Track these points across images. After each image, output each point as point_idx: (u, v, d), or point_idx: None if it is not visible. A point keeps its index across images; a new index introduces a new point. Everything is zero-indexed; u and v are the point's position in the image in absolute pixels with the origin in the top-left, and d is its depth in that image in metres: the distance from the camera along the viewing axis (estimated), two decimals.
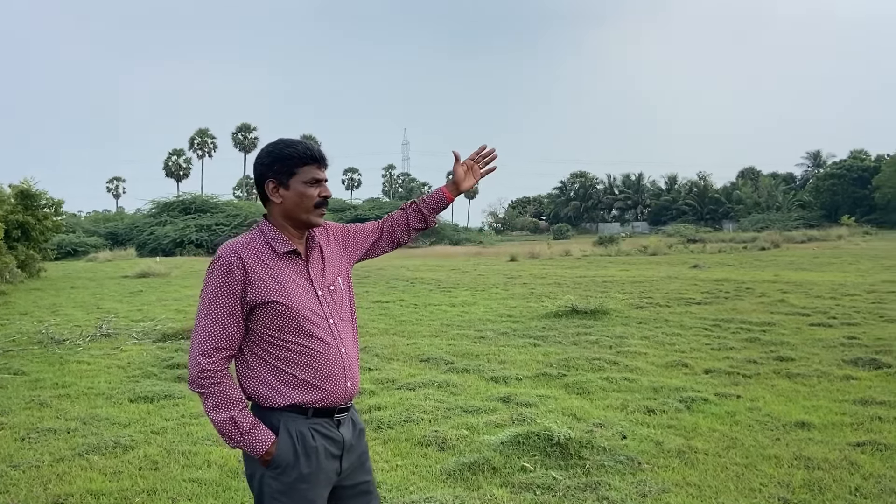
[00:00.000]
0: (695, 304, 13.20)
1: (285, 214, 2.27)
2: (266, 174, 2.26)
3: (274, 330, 2.19)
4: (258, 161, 2.28)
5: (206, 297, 2.17)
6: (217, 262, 2.18)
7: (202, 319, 2.17)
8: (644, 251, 34.79)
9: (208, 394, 2.15)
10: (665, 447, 4.85)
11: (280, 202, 2.25)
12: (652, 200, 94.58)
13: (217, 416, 2.14)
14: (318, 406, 2.22)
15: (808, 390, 6.44)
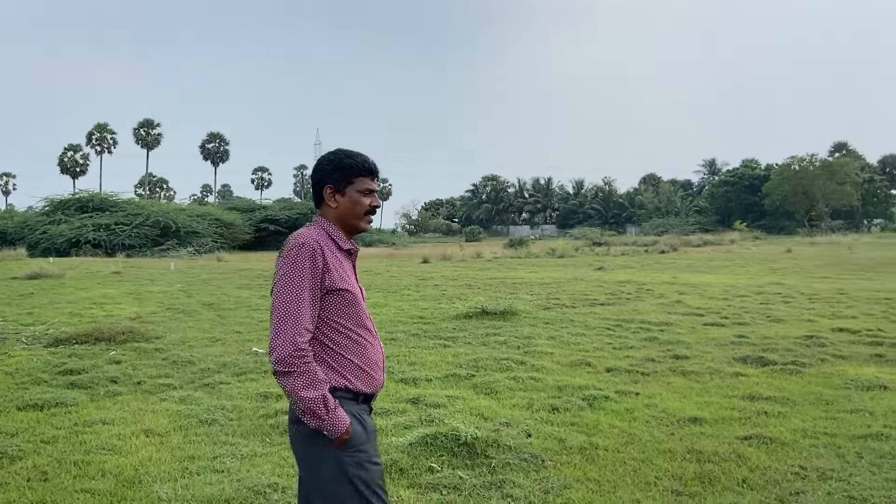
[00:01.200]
0: (599, 305, 13.64)
1: (338, 218, 2.48)
2: (325, 179, 2.47)
3: (339, 316, 2.36)
4: (319, 167, 2.49)
5: (293, 281, 2.30)
6: (302, 249, 2.31)
7: (293, 302, 2.28)
8: (552, 254, 35.65)
9: (299, 373, 2.24)
10: (568, 444, 5.00)
11: (335, 207, 2.46)
12: (560, 204, 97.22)
13: (309, 395, 2.23)
14: (365, 393, 2.41)
15: (701, 387, 6.78)
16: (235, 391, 6.71)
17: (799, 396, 6.33)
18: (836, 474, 4.36)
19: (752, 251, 37.66)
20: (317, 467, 2.31)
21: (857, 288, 16.32)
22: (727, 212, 74.47)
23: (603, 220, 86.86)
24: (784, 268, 23.86)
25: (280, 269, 2.33)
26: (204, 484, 4.36)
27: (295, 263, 2.31)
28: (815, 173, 66.50)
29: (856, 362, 7.80)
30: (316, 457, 2.31)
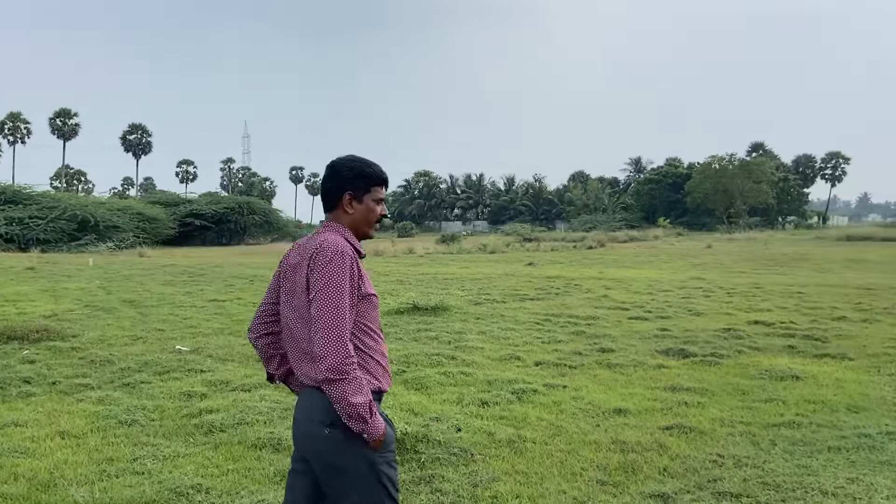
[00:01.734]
0: (528, 300, 13.83)
1: (352, 224, 2.56)
2: (345, 186, 2.53)
3: (367, 320, 2.46)
4: (338, 172, 2.53)
5: (338, 289, 2.33)
6: (343, 257, 2.37)
7: (339, 310, 2.31)
8: (484, 249, 35.94)
9: (350, 379, 2.29)
10: (497, 438, 5.05)
11: (351, 213, 2.54)
12: (492, 200, 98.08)
13: (359, 400, 2.28)
14: (383, 392, 2.51)
15: (625, 379, 6.96)
16: (157, 391, 6.50)
17: (717, 387, 6.57)
18: (751, 461, 4.55)
19: (675, 247, 38.91)
20: (350, 469, 2.35)
21: (772, 282, 17.08)
22: (652, 209, 76.60)
23: (533, 217, 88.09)
24: (705, 263, 24.74)
25: (322, 276, 2.34)
26: (123, 486, 4.21)
27: (338, 271, 2.35)
28: (734, 172, 69.12)
29: (770, 353, 8.16)
30: (350, 459, 2.35)
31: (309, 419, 2.41)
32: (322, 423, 2.36)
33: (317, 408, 2.38)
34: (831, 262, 24.20)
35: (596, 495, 4.03)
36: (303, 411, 2.46)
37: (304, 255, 2.46)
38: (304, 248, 2.49)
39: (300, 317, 2.43)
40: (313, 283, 2.35)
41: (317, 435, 2.38)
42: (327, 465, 2.39)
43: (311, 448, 2.43)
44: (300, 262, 2.46)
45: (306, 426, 2.43)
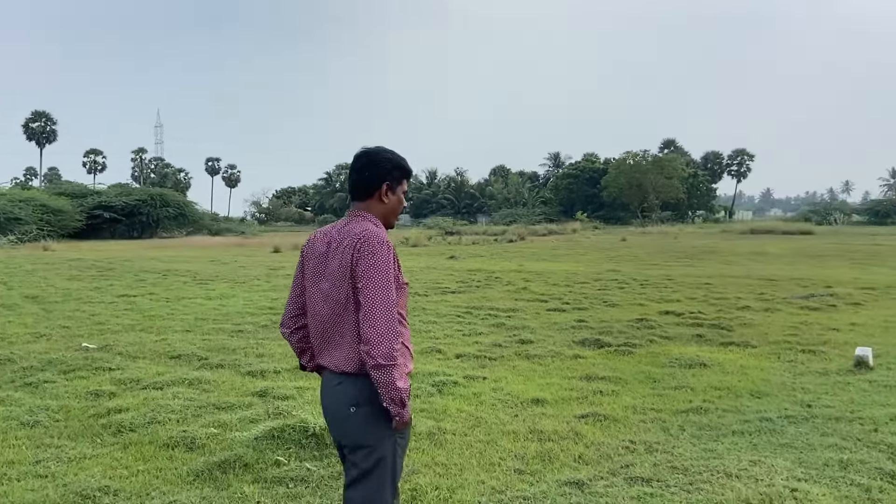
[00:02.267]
0: (450, 292, 13.91)
1: (383, 214, 2.61)
2: (385, 177, 2.57)
3: (400, 307, 2.50)
4: (377, 163, 2.57)
5: (385, 278, 2.38)
6: (387, 247, 2.42)
7: (387, 298, 2.37)
8: (406, 243, 35.92)
9: (398, 364, 2.37)
10: (417, 430, 5.05)
11: (385, 203, 2.59)
12: (414, 194, 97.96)
13: (403, 385, 2.40)
14: (409, 374, 2.55)
15: (543, 369, 7.10)
16: (62, 390, 6.20)
17: (630, 375, 6.79)
18: (661, 446, 4.72)
19: (592, 240, 39.94)
20: (376, 446, 2.47)
21: (682, 274, 17.76)
22: (570, 203, 78.34)
23: (455, 210, 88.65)
24: (620, 256, 25.49)
25: (371, 266, 2.39)
26: (24, 490, 4.01)
27: (384, 261, 2.41)
28: (647, 168, 71.51)
29: (680, 342, 8.48)
30: (376, 437, 2.46)
31: (336, 403, 2.51)
32: (347, 404, 2.47)
33: (342, 391, 2.49)
34: (736, 255, 25.36)
35: (513, 484, 4.10)
36: (328, 397, 2.56)
37: (338, 243, 2.50)
38: (337, 236, 2.53)
39: (329, 302, 2.49)
40: (361, 273, 2.40)
41: (343, 415, 2.49)
42: (354, 443, 2.50)
43: (339, 428, 2.55)
44: (334, 251, 2.50)
45: (335, 410, 2.53)
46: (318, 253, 2.57)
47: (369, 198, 2.59)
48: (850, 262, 21.59)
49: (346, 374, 2.48)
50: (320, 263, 2.55)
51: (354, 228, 2.49)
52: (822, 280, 15.70)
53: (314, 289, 2.56)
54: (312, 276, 2.58)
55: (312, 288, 2.57)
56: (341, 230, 2.54)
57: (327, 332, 2.52)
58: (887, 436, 4.80)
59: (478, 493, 3.99)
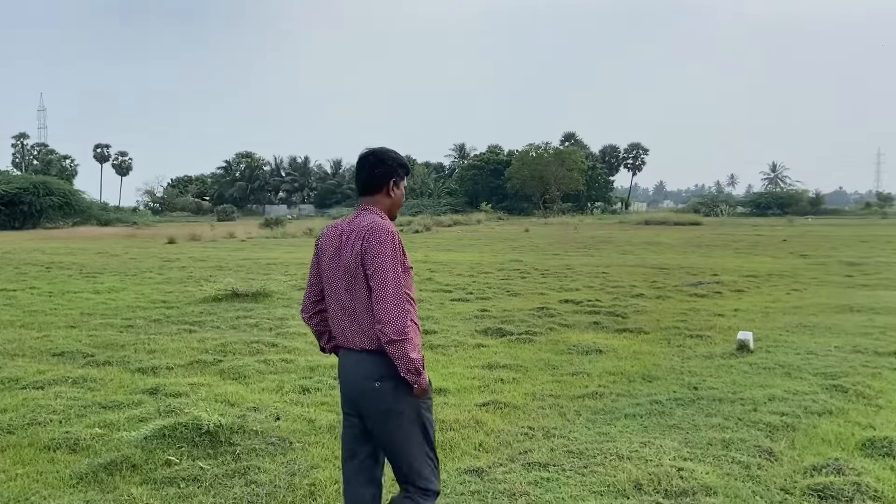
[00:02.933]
0: None
1: (389, 207, 2.89)
2: (392, 174, 2.86)
3: (408, 289, 2.76)
4: (385, 160, 2.85)
5: (393, 263, 2.66)
6: (393, 236, 2.70)
7: (396, 280, 2.65)
8: (310, 233, 35.31)
9: (409, 339, 2.64)
10: (317, 424, 4.97)
11: (391, 197, 2.88)
12: (318, 184, 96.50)
13: (416, 356, 2.66)
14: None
15: (446, 359, 7.14)
16: None
17: (531, 363, 6.93)
18: (558, 431, 4.84)
19: (496, 231, 40.57)
20: (400, 414, 2.72)
21: (581, 263, 18.32)
22: (475, 194, 79.15)
23: None
24: (522, 246, 26.01)
25: (379, 254, 2.65)
26: None
27: (392, 248, 2.68)
28: (549, 160, 73.19)
29: (578, 330, 8.73)
30: (400, 406, 2.71)
31: (360, 378, 2.76)
32: (372, 378, 2.72)
33: (365, 367, 2.74)
34: (632, 245, 26.38)
35: None
36: (352, 372, 2.80)
37: (348, 235, 2.76)
38: (348, 229, 2.79)
39: (348, 289, 2.75)
40: (370, 261, 2.67)
41: (368, 389, 2.73)
42: (380, 413, 2.73)
43: (364, 401, 2.76)
44: (345, 242, 2.76)
45: (359, 384, 2.76)
46: (334, 246, 2.83)
47: (377, 192, 2.87)
48: (734, 251, 22.87)
49: (366, 351, 2.74)
50: (336, 255, 2.80)
51: (363, 221, 2.76)
52: (709, 268, 16.56)
53: (334, 277, 2.81)
54: (330, 267, 2.83)
55: (332, 277, 2.82)
56: (351, 223, 2.81)
57: (348, 315, 2.78)
58: (765, 415, 5.11)
59: None
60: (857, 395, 5.61)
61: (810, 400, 5.45)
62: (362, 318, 2.73)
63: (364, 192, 2.88)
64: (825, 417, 5.06)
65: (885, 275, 14.89)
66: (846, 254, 20.92)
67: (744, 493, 3.77)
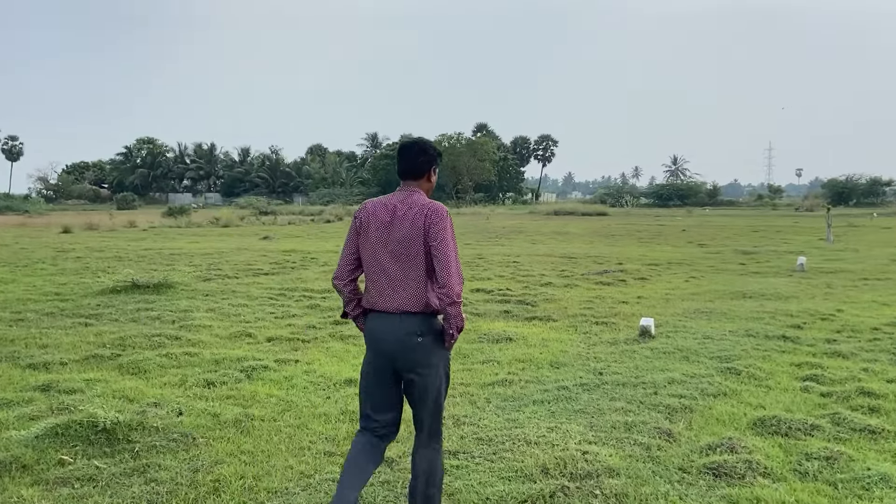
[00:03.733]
0: (263, 274, 13.47)
1: (428, 191, 3.25)
2: (432, 162, 3.25)
3: None
4: (427, 150, 3.23)
5: (451, 237, 3.08)
6: (449, 214, 3.11)
7: (455, 252, 3.08)
8: (216, 223, 34.28)
9: (460, 302, 3.05)
10: (222, 419, 4.83)
11: (430, 183, 3.26)
12: (225, 172, 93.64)
13: (463, 317, 3.13)
14: None
15: (357, 350, 7.08)
16: None
17: None
18: (468, 419, 4.88)
19: None
20: (437, 365, 3.15)
21: (493, 253, 18.56)
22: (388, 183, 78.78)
23: (270, 189, 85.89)
24: None
25: (443, 229, 3.05)
26: None
27: (451, 225, 3.11)
28: (461, 150, 73.82)
29: (489, 318, 8.85)
30: (437, 358, 3.15)
31: (404, 334, 3.09)
32: (415, 334, 3.08)
33: (410, 325, 3.09)
34: (542, 234, 26.94)
35: (323, 467, 4.04)
36: (393, 331, 3.10)
37: (404, 211, 3.09)
38: (402, 206, 3.11)
39: (398, 258, 3.08)
40: (435, 234, 3.04)
41: (411, 343, 3.08)
42: (419, 363, 3.11)
43: (406, 353, 3.10)
44: (401, 217, 3.09)
45: (402, 339, 3.09)
46: (382, 221, 3.12)
47: (420, 178, 3.23)
48: (638, 241, 23.73)
49: (408, 312, 3.08)
50: (386, 229, 3.11)
51: (419, 200, 3.13)
52: (614, 257, 17.11)
53: (381, 249, 3.12)
54: (378, 239, 3.12)
55: (379, 249, 3.12)
56: (404, 201, 3.13)
57: (393, 281, 3.09)
58: (665, 398, 5.32)
59: (285, 478, 3.88)
60: (749, 377, 5.92)
61: (706, 382, 5.72)
62: (412, 283, 3.08)
63: (408, 177, 3.22)
64: (720, 399, 5.32)
65: (774, 263, 15.80)
66: (740, 243, 22.08)
67: (644, 473, 3.91)
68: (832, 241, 22.14)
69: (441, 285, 3.03)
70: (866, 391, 5.39)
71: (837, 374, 6.00)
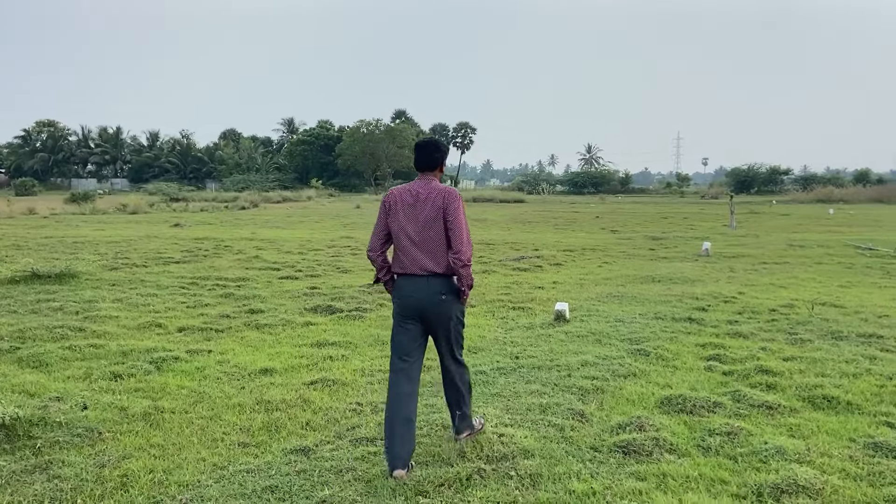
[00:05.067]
0: (174, 263, 13.04)
1: (439, 178, 4.04)
2: (443, 157, 4.04)
3: None
4: (440, 147, 4.04)
5: (463, 214, 3.90)
6: (460, 197, 3.91)
7: (466, 226, 3.91)
8: (123, 209, 32.90)
9: (470, 265, 3.88)
10: (130, 412, 4.66)
11: (441, 173, 4.06)
12: (133, 157, 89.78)
13: (472, 276, 3.97)
14: None
15: (273, 339, 6.96)
16: None
17: (360, 339, 6.93)
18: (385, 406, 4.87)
19: (327, 207, 40.05)
20: (455, 315, 4.00)
21: None
22: (305, 170, 77.52)
23: (181, 175, 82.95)
24: (353, 223, 25.89)
25: (457, 208, 3.86)
26: None
27: (462, 205, 3.92)
28: (380, 137, 73.19)
29: None
30: (454, 311, 3.98)
31: (431, 292, 3.89)
32: (440, 293, 3.90)
33: (435, 285, 3.89)
34: None
35: (237, 458, 3.96)
36: (423, 291, 3.89)
37: (427, 195, 3.89)
38: (424, 191, 3.91)
39: (425, 231, 3.86)
40: (451, 212, 3.84)
41: (436, 300, 3.90)
42: (442, 315, 3.94)
43: (432, 308, 3.91)
44: (423, 200, 3.89)
45: (430, 297, 3.89)
46: (407, 202, 3.92)
47: (435, 169, 4.01)
48: (554, 227, 24.24)
49: (435, 274, 3.87)
50: (411, 209, 3.91)
51: (437, 186, 3.94)
52: (531, 244, 17.42)
53: (409, 225, 3.90)
54: (405, 217, 3.91)
55: (407, 224, 3.90)
56: (425, 187, 3.93)
57: (421, 249, 3.87)
58: (579, 380, 5.47)
59: (197, 471, 3.78)
60: (658, 358, 6.16)
61: (617, 364, 5.91)
62: (436, 251, 3.86)
63: (425, 168, 3.99)
64: (630, 379, 5.52)
65: (681, 248, 16.47)
66: (650, 229, 22.88)
67: (558, 453, 4.02)
68: (735, 227, 23.24)
69: (455, 251, 3.84)
70: (764, 369, 5.71)
71: (738, 353, 6.32)
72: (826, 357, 6.14)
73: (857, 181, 64.78)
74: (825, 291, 9.92)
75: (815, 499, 3.46)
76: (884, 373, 5.64)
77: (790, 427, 4.49)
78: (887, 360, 6.05)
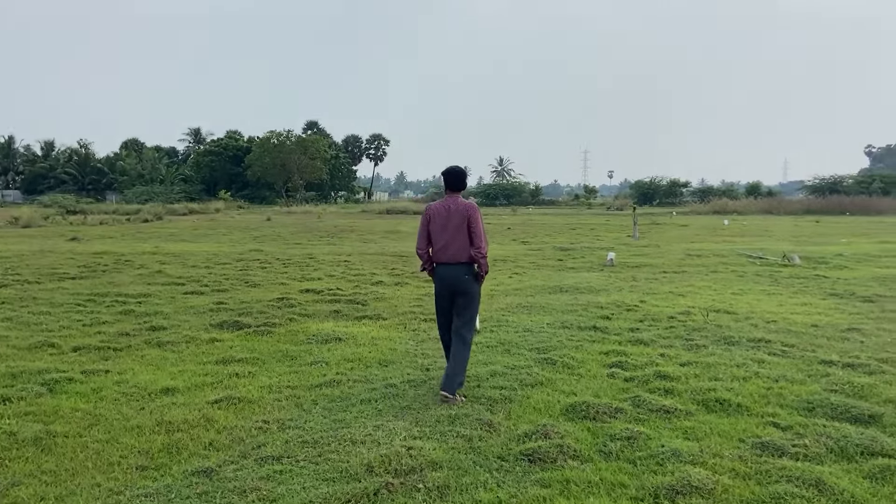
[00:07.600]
0: (69, 279, 12.42)
1: (462, 195, 5.64)
2: (466, 182, 5.70)
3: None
4: (464, 175, 5.67)
5: (481, 221, 5.47)
6: (478, 208, 5.56)
7: (483, 229, 5.48)
8: (15, 223, 31.05)
9: (486, 256, 5.51)
10: (20, 437, 4.41)
11: (464, 190, 5.65)
12: (26, 167, 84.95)
13: (488, 265, 5.61)
14: None
15: (176, 357, 6.73)
16: None
17: (268, 355, 6.80)
18: (293, 422, 4.81)
19: (236, 220, 39.06)
20: (475, 292, 5.55)
21: (324, 252, 18.35)
22: (213, 181, 75.36)
23: (79, 187, 79.09)
24: (264, 236, 25.37)
25: (477, 217, 5.43)
26: None
27: (480, 215, 5.50)
28: (291, 148, 72.08)
29: (318, 319, 8.74)
30: (474, 289, 5.54)
31: (460, 274, 5.45)
32: (465, 275, 5.46)
33: (462, 270, 5.45)
34: (374, 233, 27.03)
35: (135, 482, 3.81)
36: (454, 273, 5.46)
37: (456, 208, 5.44)
38: (453, 206, 5.46)
39: (455, 233, 5.41)
40: (473, 220, 5.40)
41: (463, 279, 5.45)
42: (465, 292, 5.48)
43: (459, 286, 5.47)
44: (454, 212, 5.44)
45: (458, 277, 5.46)
46: (441, 214, 5.48)
47: (461, 190, 5.57)
48: None
49: (461, 262, 5.44)
50: (445, 218, 5.45)
51: (462, 202, 5.47)
52: None
53: (443, 229, 5.46)
54: (442, 224, 5.46)
55: (443, 229, 5.46)
56: (454, 203, 5.48)
57: (452, 245, 5.42)
58: (487, 390, 5.55)
59: (92, 497, 3.62)
60: (563, 366, 6.33)
61: (525, 373, 6.04)
62: (462, 247, 5.41)
63: (454, 189, 5.55)
64: (537, 388, 5.64)
65: (588, 258, 16.97)
66: (559, 240, 23.48)
67: (466, 464, 4.06)
68: (638, 237, 24.16)
69: (476, 247, 5.41)
70: (663, 374, 5.96)
71: (639, 359, 6.57)
72: (719, 362, 6.47)
73: (749, 193, 68.65)
74: (719, 299, 10.45)
75: (708, 499, 3.64)
76: (771, 375, 5.99)
77: (685, 430, 4.70)
78: (774, 364, 6.43)
